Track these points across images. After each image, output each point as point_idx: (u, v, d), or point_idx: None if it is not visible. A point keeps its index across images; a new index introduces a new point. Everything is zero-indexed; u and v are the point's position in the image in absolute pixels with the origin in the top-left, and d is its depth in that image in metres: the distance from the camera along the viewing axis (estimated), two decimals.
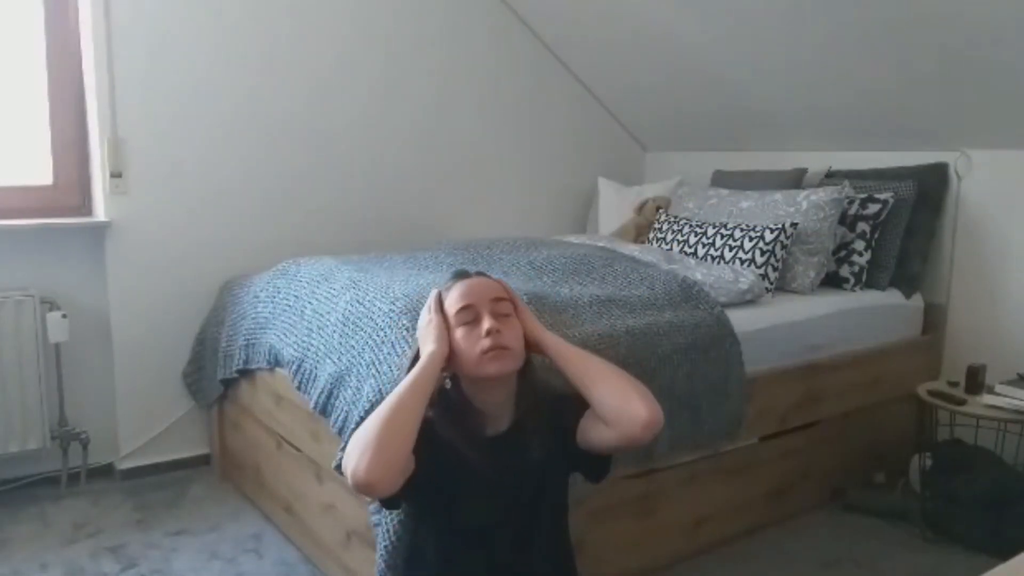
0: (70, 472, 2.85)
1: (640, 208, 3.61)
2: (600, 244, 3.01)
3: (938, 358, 3.02)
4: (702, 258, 2.97)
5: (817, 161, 3.30)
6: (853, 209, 2.98)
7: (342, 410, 1.97)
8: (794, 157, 3.39)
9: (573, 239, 3.21)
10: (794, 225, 2.85)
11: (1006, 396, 2.45)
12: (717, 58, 3.25)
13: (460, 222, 3.62)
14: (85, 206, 2.93)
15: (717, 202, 3.26)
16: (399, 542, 1.64)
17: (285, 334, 2.36)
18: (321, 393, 2.07)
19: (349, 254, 2.87)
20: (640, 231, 3.49)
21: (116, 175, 2.81)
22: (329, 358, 2.10)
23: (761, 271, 2.79)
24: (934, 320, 3.03)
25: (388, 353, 1.92)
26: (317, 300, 2.34)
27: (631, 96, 3.88)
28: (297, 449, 2.35)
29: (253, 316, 2.58)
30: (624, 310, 2.27)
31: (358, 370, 1.97)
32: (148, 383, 2.94)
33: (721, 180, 3.55)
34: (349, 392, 1.97)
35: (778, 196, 3.05)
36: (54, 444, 2.79)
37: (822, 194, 2.95)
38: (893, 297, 2.98)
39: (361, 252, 2.95)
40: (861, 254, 2.96)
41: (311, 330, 2.25)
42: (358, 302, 2.18)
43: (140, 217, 2.87)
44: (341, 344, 2.09)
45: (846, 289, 2.96)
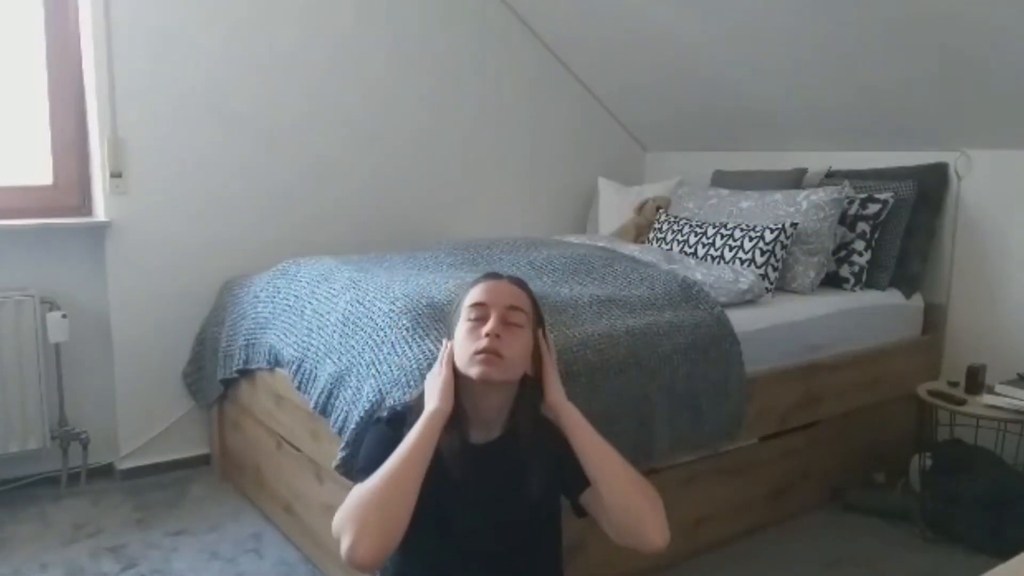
0: (70, 472, 2.85)
1: (640, 208, 3.61)
2: (600, 244, 3.01)
3: (938, 358, 3.02)
4: (702, 258, 2.97)
5: (817, 161, 3.30)
6: (853, 209, 2.98)
7: (342, 410, 1.97)
8: (794, 157, 3.39)
9: (573, 239, 3.21)
10: (794, 225, 2.85)
11: (1006, 396, 2.45)
12: (717, 58, 3.25)
13: (460, 222, 3.62)
14: (85, 206, 2.93)
15: (717, 202, 3.26)
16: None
17: (285, 334, 2.36)
18: (321, 393, 2.07)
19: (349, 254, 2.87)
20: (640, 231, 3.49)
21: (116, 175, 2.81)
22: (329, 358, 2.10)
23: (761, 271, 2.79)
24: (934, 320, 3.03)
25: (388, 353, 1.92)
26: (317, 300, 2.34)
27: (631, 96, 3.88)
28: (297, 449, 2.35)
29: (253, 316, 2.58)
30: (624, 310, 2.27)
31: (358, 370, 1.97)
32: (148, 383, 2.94)
33: (721, 180, 3.55)
34: (349, 392, 1.97)
35: (778, 196, 3.05)
36: (54, 444, 2.79)
37: (822, 194, 2.95)
38: (893, 297, 2.98)
39: (361, 252, 2.95)
40: (861, 254, 2.96)
41: (311, 330, 2.25)
42: (358, 302, 2.18)
43: (140, 217, 2.87)
44: (341, 344, 2.09)
45: (846, 289, 2.96)
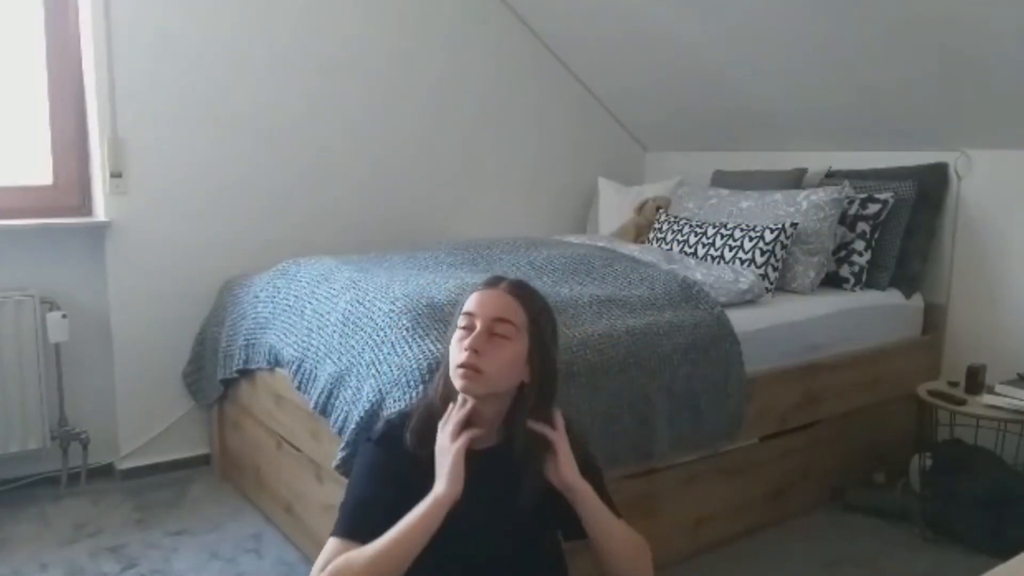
0: (70, 472, 2.85)
1: (640, 208, 3.61)
2: (600, 244, 3.01)
3: (938, 358, 3.02)
4: (702, 258, 2.97)
5: (817, 161, 3.30)
6: (853, 209, 2.98)
7: (342, 410, 1.98)
8: (794, 157, 3.39)
9: (573, 239, 3.21)
10: (794, 225, 2.85)
11: (1006, 396, 2.45)
12: (717, 58, 3.25)
13: (460, 222, 3.62)
14: (85, 206, 2.93)
15: (717, 202, 3.26)
16: None
17: (285, 334, 2.36)
18: (321, 393, 2.07)
19: (349, 254, 2.87)
20: (640, 231, 3.49)
21: (116, 175, 2.80)
22: (329, 358, 2.10)
23: (761, 271, 2.79)
24: (934, 320, 3.03)
25: (388, 353, 1.92)
26: (317, 300, 2.34)
27: (631, 96, 3.88)
28: (297, 449, 2.35)
29: (253, 316, 2.58)
30: (624, 310, 2.27)
31: (358, 370, 1.97)
32: (148, 383, 2.94)
33: (721, 180, 3.55)
34: (349, 392, 1.97)
35: (778, 196, 3.05)
36: (54, 444, 2.79)
37: (822, 194, 2.95)
38: (893, 297, 2.98)
39: (361, 252, 2.95)
40: (861, 254, 2.96)
41: (311, 330, 2.25)
42: (358, 302, 2.18)
43: (140, 217, 2.87)
44: (341, 344, 2.09)
45: (846, 289, 2.96)
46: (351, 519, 1.40)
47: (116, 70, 2.77)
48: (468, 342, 1.40)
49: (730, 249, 2.90)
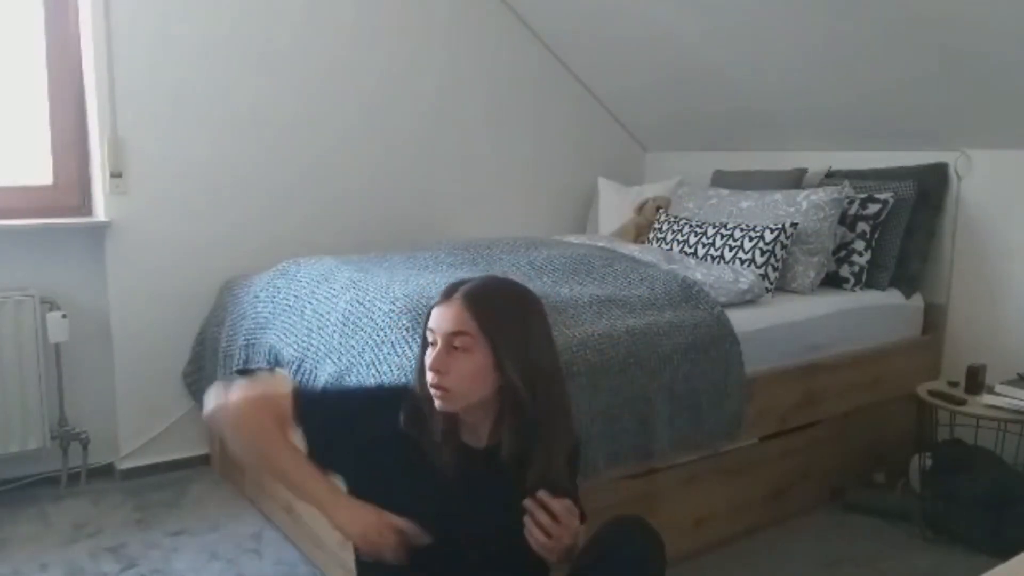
0: (70, 472, 2.85)
1: (640, 208, 3.61)
2: (600, 244, 3.01)
3: (938, 358, 3.02)
4: (702, 258, 2.97)
5: (817, 161, 3.30)
6: (853, 209, 2.98)
7: None
8: (794, 157, 3.39)
9: (573, 239, 3.21)
10: (794, 225, 2.85)
11: (1006, 396, 2.45)
12: (717, 58, 3.25)
13: (460, 222, 3.62)
14: (85, 206, 2.93)
15: (717, 202, 3.26)
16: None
17: (285, 334, 2.36)
18: None
19: (349, 254, 2.87)
20: (640, 231, 3.49)
21: (116, 175, 2.80)
22: (329, 358, 2.10)
23: (761, 271, 2.78)
24: (934, 320, 3.03)
25: (388, 353, 1.92)
26: (317, 300, 2.34)
27: (631, 96, 3.88)
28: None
29: (253, 316, 2.58)
30: (624, 310, 2.27)
31: (358, 370, 1.97)
32: (148, 383, 2.94)
33: (721, 180, 3.55)
34: None
35: (778, 196, 3.05)
36: (54, 444, 2.78)
37: (822, 194, 2.95)
38: (893, 297, 2.98)
39: (361, 252, 2.95)
40: (861, 254, 2.96)
41: (311, 330, 2.25)
42: (358, 302, 2.18)
43: (140, 217, 2.87)
44: (341, 344, 2.09)
45: (846, 289, 2.96)
46: (321, 400, 1.52)
47: (116, 70, 2.76)
48: (430, 362, 1.40)
49: (730, 249, 2.90)
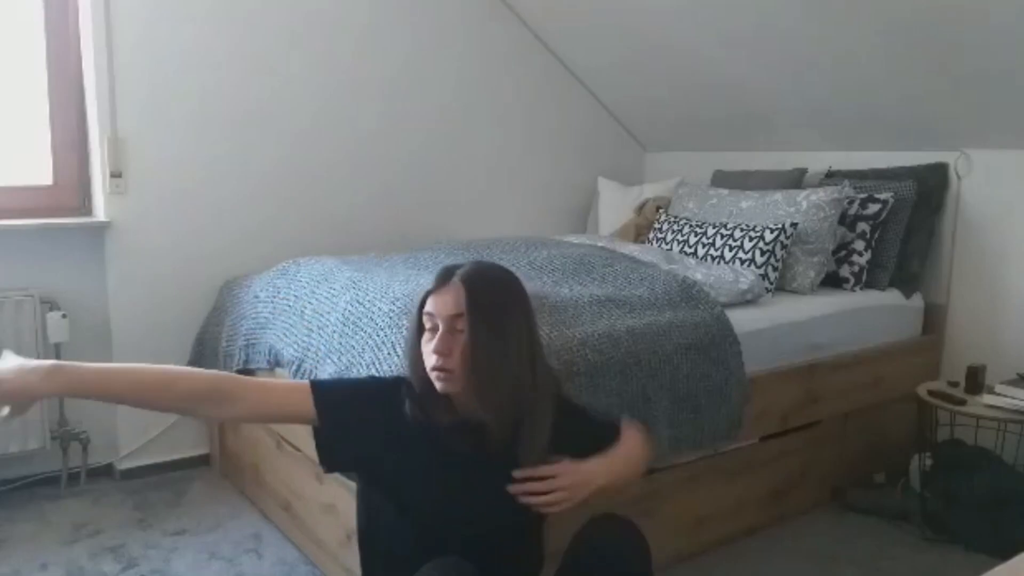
0: (70, 472, 2.85)
1: (640, 208, 3.62)
2: (600, 244, 3.01)
3: (938, 358, 3.02)
4: (702, 258, 2.97)
5: (817, 161, 3.30)
6: (853, 209, 2.98)
7: None
8: (794, 157, 3.39)
9: (573, 239, 3.21)
10: (794, 225, 2.85)
11: (1006, 396, 2.45)
12: (717, 58, 3.25)
13: (460, 222, 3.62)
14: (85, 206, 2.93)
15: (717, 202, 3.26)
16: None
17: (285, 334, 2.36)
18: None
19: (349, 254, 2.87)
20: (640, 231, 3.49)
21: (116, 175, 2.81)
22: (329, 358, 2.10)
23: (761, 271, 2.79)
24: (934, 320, 3.03)
25: (388, 353, 1.92)
26: (317, 300, 2.34)
27: (631, 96, 3.88)
28: (297, 449, 2.35)
29: (253, 316, 2.58)
30: (624, 310, 2.27)
31: (358, 370, 1.97)
32: None
33: (721, 180, 3.55)
34: None
35: (778, 196, 3.05)
36: (54, 444, 2.79)
37: (822, 194, 2.95)
38: (893, 297, 2.98)
39: (361, 252, 2.95)
40: (861, 254, 2.96)
41: (311, 330, 2.25)
42: (358, 302, 2.18)
43: (140, 217, 2.87)
44: (341, 344, 2.09)
45: (846, 289, 2.96)
46: (329, 386, 1.54)
47: (116, 70, 2.77)
48: (433, 345, 1.43)
49: (730, 249, 2.90)
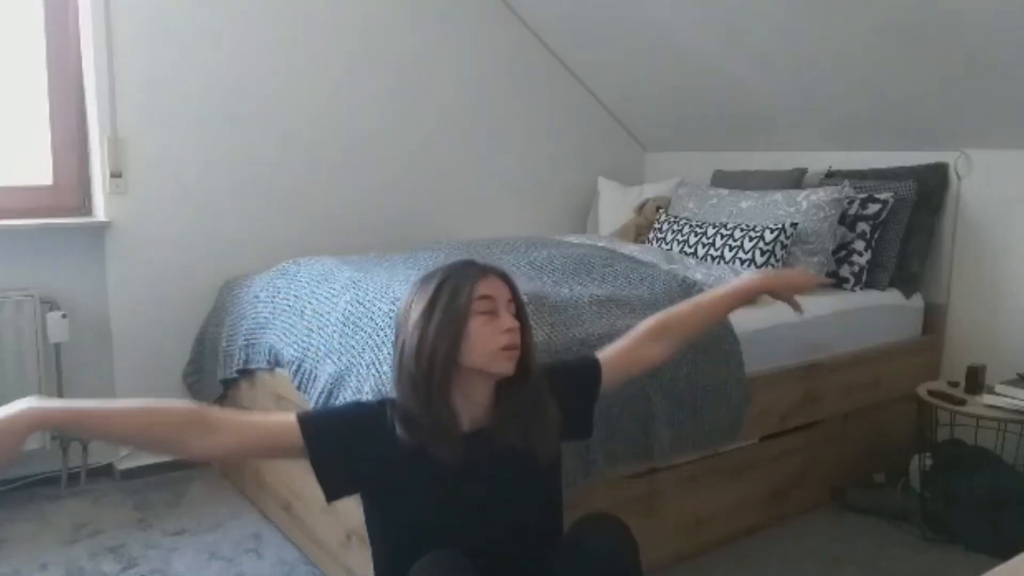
0: (70, 472, 2.85)
1: (640, 208, 3.62)
2: (600, 244, 3.01)
3: (938, 358, 3.02)
4: (702, 258, 2.97)
5: (817, 161, 3.30)
6: (853, 209, 2.98)
7: None
8: (794, 157, 3.39)
9: (573, 239, 3.21)
10: (794, 225, 2.85)
11: (1006, 396, 2.45)
12: (717, 58, 3.25)
13: (460, 222, 3.62)
14: (85, 206, 2.93)
15: (717, 202, 3.26)
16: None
17: (285, 334, 2.36)
18: (321, 393, 2.07)
19: (349, 254, 2.87)
20: (640, 231, 3.49)
21: (116, 175, 2.81)
22: (329, 358, 2.10)
23: (761, 271, 2.78)
24: (934, 320, 3.03)
25: (388, 353, 1.92)
26: (317, 300, 2.34)
27: (631, 96, 3.88)
28: None
29: (253, 316, 2.58)
30: (624, 310, 2.27)
31: (358, 370, 1.97)
32: (148, 383, 2.93)
33: (721, 180, 3.55)
34: (349, 392, 1.97)
35: (778, 196, 3.05)
36: (54, 444, 2.78)
37: (822, 194, 2.95)
38: (893, 297, 2.98)
39: (361, 252, 2.95)
40: (861, 254, 2.96)
41: (311, 330, 2.25)
42: (358, 302, 2.18)
43: (140, 217, 2.87)
44: (341, 344, 2.09)
45: (846, 289, 2.96)
46: (316, 417, 1.53)
47: (116, 70, 2.77)
48: (507, 324, 1.43)
49: (730, 249, 2.90)
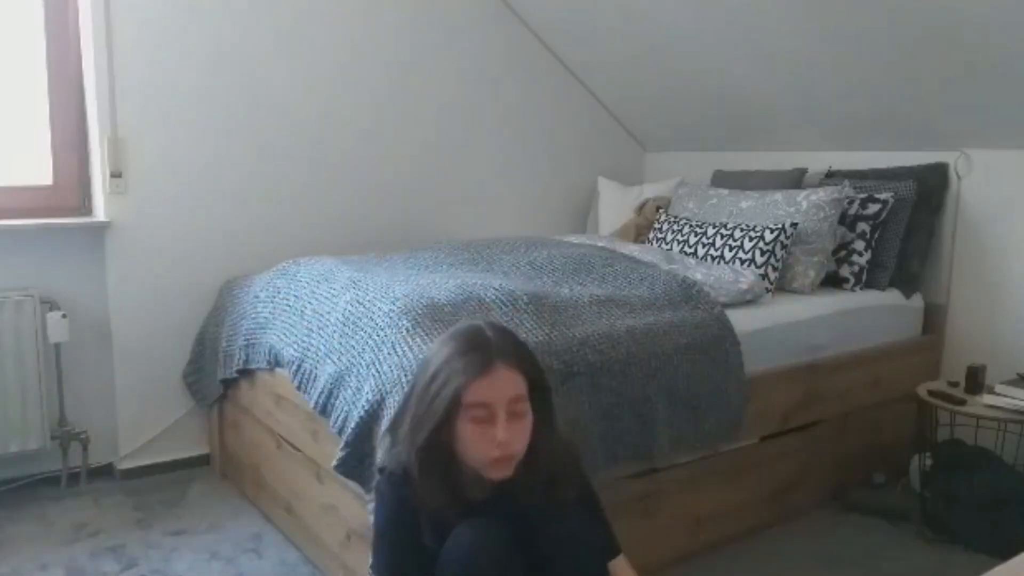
0: (70, 472, 2.85)
1: (640, 208, 3.62)
2: (600, 244, 3.01)
3: (938, 358, 3.02)
4: (702, 258, 2.97)
5: (817, 161, 3.30)
6: (853, 209, 2.98)
7: (342, 410, 1.97)
8: (794, 157, 3.39)
9: (573, 239, 3.21)
10: (794, 225, 2.85)
11: (1006, 396, 2.45)
12: (717, 58, 3.25)
13: (460, 222, 3.62)
14: (85, 206, 2.93)
15: (717, 202, 3.26)
16: None
17: (285, 334, 2.36)
18: (321, 393, 2.07)
19: (349, 254, 2.87)
20: (640, 231, 3.49)
21: (116, 175, 2.81)
22: (329, 358, 2.10)
23: (761, 271, 2.79)
24: (934, 320, 3.03)
25: (388, 353, 1.92)
26: (317, 300, 2.34)
27: (631, 96, 3.88)
28: (297, 449, 2.35)
29: (253, 316, 2.58)
30: (624, 310, 2.27)
31: (358, 370, 1.97)
32: (148, 383, 2.94)
33: (721, 180, 3.55)
34: (349, 392, 1.97)
35: (778, 196, 3.06)
36: (54, 444, 2.78)
37: (822, 194, 2.95)
38: (893, 297, 2.98)
39: (361, 252, 2.95)
40: (861, 254, 2.96)
41: (311, 330, 2.25)
42: (358, 302, 2.18)
43: (140, 217, 2.87)
44: (341, 344, 2.09)
45: (846, 289, 2.96)
46: (398, 556, 1.42)
47: (116, 70, 2.77)
48: (501, 435, 1.36)
49: (730, 249, 2.90)
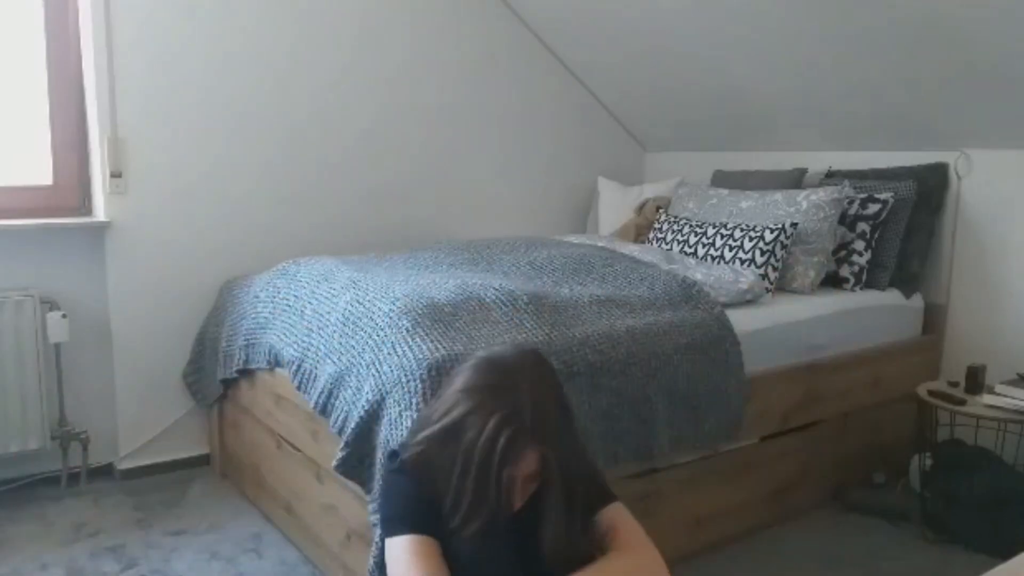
0: (70, 472, 2.85)
1: (640, 208, 3.62)
2: (600, 244, 3.01)
3: (938, 358, 3.02)
4: (702, 258, 2.97)
5: (817, 161, 3.30)
6: (853, 209, 2.98)
7: (342, 410, 1.98)
8: (794, 157, 3.39)
9: (573, 239, 3.21)
10: (794, 225, 2.85)
11: (1006, 396, 2.45)
12: (717, 58, 3.25)
13: (460, 222, 3.62)
14: (85, 206, 2.93)
15: (717, 202, 3.26)
16: None
17: (285, 334, 2.36)
18: (321, 393, 2.07)
19: (349, 254, 2.87)
20: (640, 231, 3.49)
21: (116, 175, 2.81)
22: (329, 358, 2.10)
23: (761, 271, 2.79)
24: (934, 320, 3.03)
25: (388, 353, 1.92)
26: (317, 300, 2.34)
27: (631, 96, 3.88)
28: (297, 449, 2.35)
29: (253, 316, 2.58)
30: (624, 310, 2.27)
31: (358, 370, 1.97)
32: (148, 383, 2.94)
33: (721, 180, 3.55)
34: (349, 392, 1.97)
35: (778, 196, 3.06)
36: (54, 444, 2.78)
37: (822, 194, 2.95)
38: (893, 297, 2.98)
39: (361, 252, 2.95)
40: (861, 254, 2.96)
41: (311, 330, 2.25)
42: (358, 302, 2.18)
43: (140, 217, 2.87)
44: (341, 344, 2.09)
45: (846, 289, 2.96)
46: (413, 515, 1.38)
47: (116, 70, 2.77)
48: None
49: (730, 249, 2.90)
